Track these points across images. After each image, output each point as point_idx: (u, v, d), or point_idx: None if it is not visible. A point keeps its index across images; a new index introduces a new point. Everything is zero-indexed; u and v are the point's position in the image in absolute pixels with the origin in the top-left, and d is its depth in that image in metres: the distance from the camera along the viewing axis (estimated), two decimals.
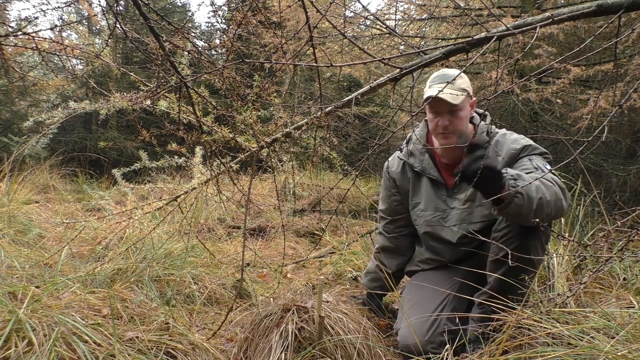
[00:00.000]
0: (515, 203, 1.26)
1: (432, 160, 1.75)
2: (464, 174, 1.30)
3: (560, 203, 1.34)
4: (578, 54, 2.65)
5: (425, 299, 1.66)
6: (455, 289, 1.65)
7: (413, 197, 1.82)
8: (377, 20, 3.58)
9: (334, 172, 5.31)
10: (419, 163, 1.77)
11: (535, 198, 1.28)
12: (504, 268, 1.42)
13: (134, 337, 1.39)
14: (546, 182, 1.34)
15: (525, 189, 1.26)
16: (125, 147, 6.93)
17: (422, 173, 1.76)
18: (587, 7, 1.00)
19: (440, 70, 1.67)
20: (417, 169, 1.77)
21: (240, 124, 1.51)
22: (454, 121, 1.60)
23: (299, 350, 1.42)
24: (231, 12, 5.29)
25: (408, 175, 1.82)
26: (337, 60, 4.18)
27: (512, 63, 2.31)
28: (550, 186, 1.34)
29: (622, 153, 4.31)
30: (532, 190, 1.28)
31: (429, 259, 1.84)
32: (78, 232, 2.18)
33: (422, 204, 1.78)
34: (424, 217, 1.77)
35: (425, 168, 1.76)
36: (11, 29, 1.29)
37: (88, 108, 1.92)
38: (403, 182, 1.84)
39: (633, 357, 1.02)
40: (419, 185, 1.80)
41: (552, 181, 1.36)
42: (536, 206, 1.28)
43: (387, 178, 1.89)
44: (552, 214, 1.33)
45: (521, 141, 1.58)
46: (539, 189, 1.30)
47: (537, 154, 1.54)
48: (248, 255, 2.74)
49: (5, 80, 5.61)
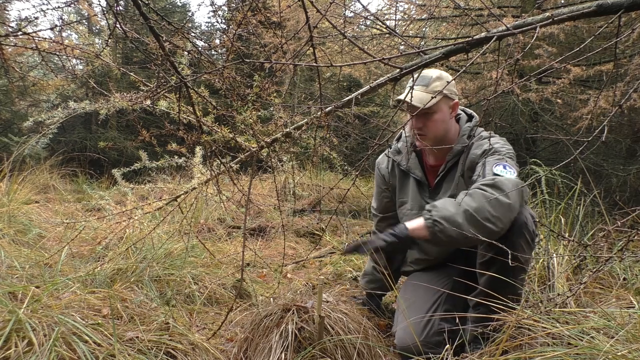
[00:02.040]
0: (439, 231, 1.30)
1: (418, 159, 1.76)
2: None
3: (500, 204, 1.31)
4: (578, 54, 2.65)
5: (418, 299, 1.66)
6: (448, 288, 1.64)
7: (400, 195, 1.83)
8: (377, 20, 3.58)
9: (334, 172, 5.31)
10: (405, 162, 1.78)
11: (458, 214, 1.29)
12: (493, 269, 1.42)
13: (134, 337, 1.39)
14: (476, 192, 1.33)
15: (439, 215, 1.30)
16: (125, 147, 6.93)
17: (408, 172, 1.77)
18: (587, 7, 1.00)
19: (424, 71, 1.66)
20: (403, 167, 1.78)
21: (240, 124, 1.51)
22: (428, 123, 1.61)
23: (299, 350, 1.42)
24: (231, 12, 5.29)
25: (396, 173, 1.83)
26: (337, 60, 4.18)
27: (512, 63, 2.31)
28: (480, 194, 1.32)
29: (622, 153, 4.31)
30: (450, 211, 1.30)
31: (419, 259, 1.84)
32: (78, 232, 2.18)
33: (408, 203, 1.79)
34: (410, 216, 1.76)
35: (410, 167, 1.77)
36: (11, 29, 1.29)
37: (88, 108, 1.92)
38: (392, 179, 1.85)
39: (633, 357, 1.02)
40: (406, 183, 1.81)
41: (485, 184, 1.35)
42: (467, 222, 1.28)
43: (378, 175, 1.90)
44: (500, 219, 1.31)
45: (484, 146, 1.56)
46: (459, 206, 1.30)
47: (493, 154, 1.51)
48: (248, 255, 2.74)
49: (5, 80, 5.61)
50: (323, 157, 4.96)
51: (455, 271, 1.67)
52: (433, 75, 1.62)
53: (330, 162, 4.85)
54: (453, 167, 1.68)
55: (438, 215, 1.30)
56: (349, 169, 3.25)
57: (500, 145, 1.54)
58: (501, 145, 1.54)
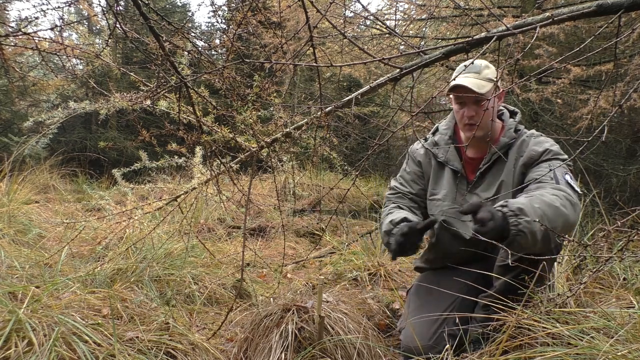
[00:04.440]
0: (517, 242, 1.23)
1: (457, 152, 1.72)
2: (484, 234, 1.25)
3: (567, 222, 1.29)
4: (578, 54, 2.65)
5: (432, 301, 1.63)
6: (462, 293, 1.62)
7: (433, 186, 1.77)
8: (377, 20, 3.58)
9: (334, 172, 5.31)
10: (443, 153, 1.73)
11: (539, 231, 1.24)
12: (511, 274, 1.40)
13: (134, 337, 1.39)
14: (553, 201, 1.29)
15: (529, 228, 1.22)
16: (125, 147, 6.93)
17: (446, 164, 1.72)
18: (587, 7, 1.00)
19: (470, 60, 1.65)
20: (440, 159, 1.73)
21: (240, 124, 1.51)
22: (480, 112, 1.56)
23: (299, 350, 1.42)
24: (231, 12, 5.29)
25: (431, 163, 1.78)
26: (337, 60, 4.18)
27: (512, 63, 2.31)
28: (556, 208, 1.28)
29: (622, 153, 4.31)
30: (535, 226, 1.23)
31: (436, 258, 1.80)
32: (78, 232, 2.18)
33: (440, 194, 1.73)
34: (441, 207, 1.71)
35: (449, 159, 1.71)
36: (11, 29, 1.29)
37: (88, 108, 1.92)
38: (427, 168, 1.79)
39: (633, 357, 1.02)
40: (441, 175, 1.75)
41: (562, 196, 1.31)
42: (541, 238, 1.25)
43: (413, 160, 1.83)
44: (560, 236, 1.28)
45: (544, 144, 1.54)
46: (543, 218, 1.24)
47: (559, 159, 1.49)
48: (248, 255, 2.74)
49: (5, 80, 5.62)
50: (323, 157, 4.96)
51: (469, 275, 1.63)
52: (482, 63, 1.59)
53: (330, 162, 4.86)
54: (497, 160, 1.63)
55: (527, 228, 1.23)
56: (349, 169, 3.25)
57: (558, 149, 1.53)
58: (558, 149, 1.53)
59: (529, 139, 1.59)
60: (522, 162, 1.56)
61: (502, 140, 1.61)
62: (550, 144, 1.55)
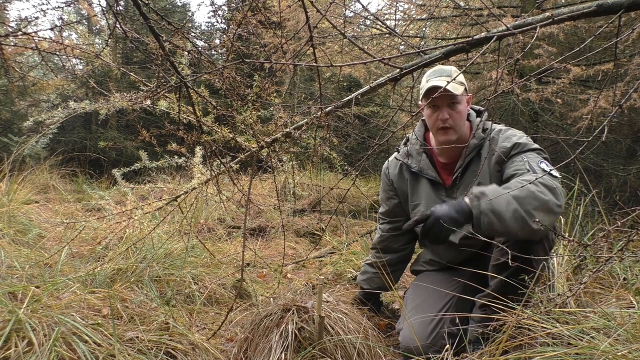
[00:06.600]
0: (483, 222, 1.26)
1: (429, 160, 1.74)
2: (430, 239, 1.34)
3: (546, 205, 1.28)
4: (578, 54, 2.65)
5: (428, 301, 1.65)
6: (458, 292, 1.63)
7: (412, 199, 1.80)
8: (377, 20, 3.58)
9: (334, 172, 5.31)
10: (416, 163, 1.75)
11: (506, 211, 1.25)
12: (506, 273, 1.41)
13: (134, 337, 1.39)
14: (526, 184, 1.28)
15: (489, 207, 1.25)
16: (125, 147, 6.93)
17: (420, 174, 1.75)
18: (587, 7, 1.00)
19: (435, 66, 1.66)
20: (414, 169, 1.76)
21: (240, 124, 1.51)
22: (453, 114, 1.59)
23: (299, 350, 1.42)
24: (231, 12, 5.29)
25: (405, 177, 1.81)
26: (337, 60, 4.18)
27: (512, 63, 2.31)
28: (527, 189, 1.28)
29: (622, 153, 4.31)
30: (501, 205, 1.25)
31: (432, 260, 1.83)
32: (78, 232, 2.18)
33: (422, 204, 1.76)
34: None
35: (422, 168, 1.74)
36: (11, 29, 1.29)
37: (88, 108, 1.92)
38: (400, 184, 1.83)
39: (633, 357, 1.02)
40: (417, 186, 1.78)
41: (538, 182, 1.31)
42: (510, 219, 1.25)
43: (386, 180, 1.88)
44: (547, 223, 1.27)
45: (512, 138, 1.55)
46: (510, 202, 1.26)
47: (531, 150, 1.49)
48: (248, 255, 2.74)
49: (5, 80, 5.61)
50: (323, 157, 4.96)
51: (464, 274, 1.65)
52: (452, 68, 1.63)
53: (330, 162, 4.86)
54: (471, 162, 1.65)
55: (488, 208, 1.26)
56: (349, 169, 3.25)
57: (527, 140, 1.53)
58: (527, 140, 1.53)
59: (497, 136, 1.60)
60: (494, 161, 1.58)
61: (472, 142, 1.63)
62: (518, 137, 1.56)
